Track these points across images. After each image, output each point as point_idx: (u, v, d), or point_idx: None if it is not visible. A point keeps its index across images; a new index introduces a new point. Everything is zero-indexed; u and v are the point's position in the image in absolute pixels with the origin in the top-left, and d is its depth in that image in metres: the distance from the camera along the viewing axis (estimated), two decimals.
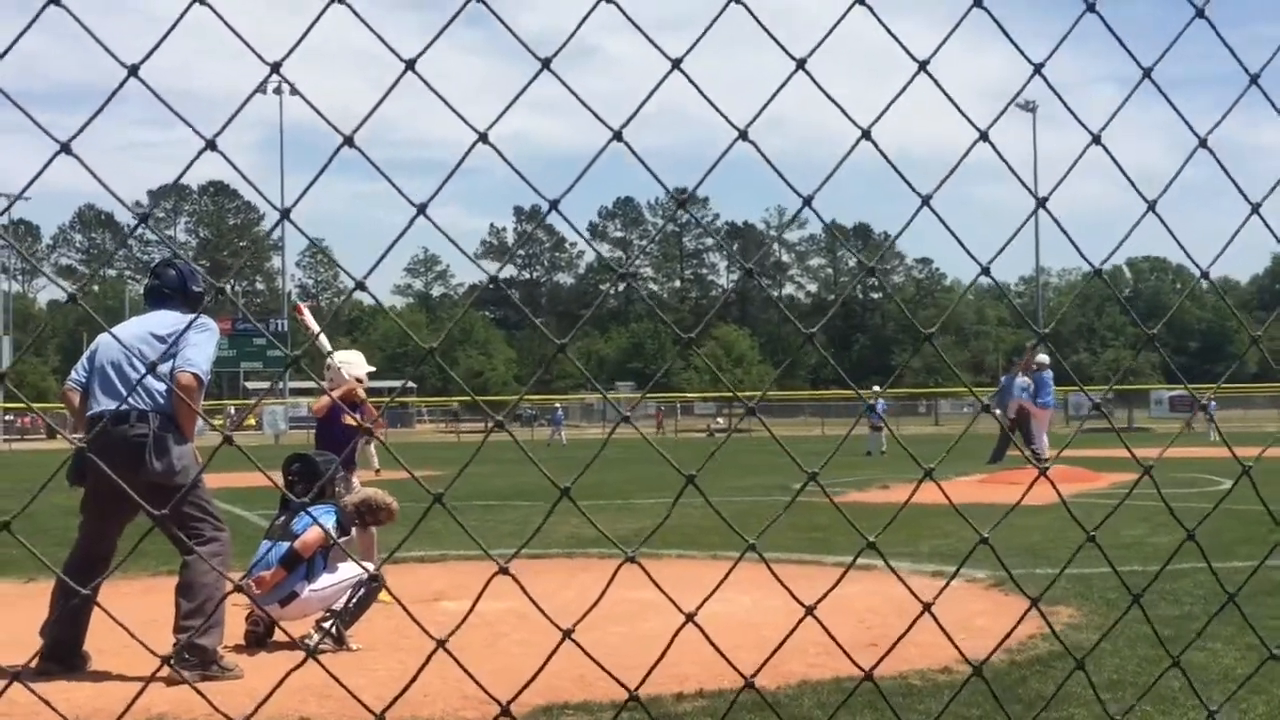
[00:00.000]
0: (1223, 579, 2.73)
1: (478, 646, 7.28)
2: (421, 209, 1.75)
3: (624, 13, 1.85)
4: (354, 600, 7.68)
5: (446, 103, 1.75)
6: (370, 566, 7.86)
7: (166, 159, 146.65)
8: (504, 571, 1.84)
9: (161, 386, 6.82)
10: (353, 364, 9.96)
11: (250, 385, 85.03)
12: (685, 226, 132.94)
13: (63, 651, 6.81)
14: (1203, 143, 2.37)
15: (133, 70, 1.60)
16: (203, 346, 6.96)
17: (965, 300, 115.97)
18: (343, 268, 1.73)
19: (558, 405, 62.64)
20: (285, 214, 1.70)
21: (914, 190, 2.06)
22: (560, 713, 5.87)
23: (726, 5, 1.92)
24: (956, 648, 2.34)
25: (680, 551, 11.69)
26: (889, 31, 2.05)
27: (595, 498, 18.41)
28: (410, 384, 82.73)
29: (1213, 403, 54.30)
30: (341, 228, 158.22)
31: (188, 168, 1.69)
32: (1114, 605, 8.30)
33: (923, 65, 2.03)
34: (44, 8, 1.59)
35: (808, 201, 2.02)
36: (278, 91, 77.81)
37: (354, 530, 8.34)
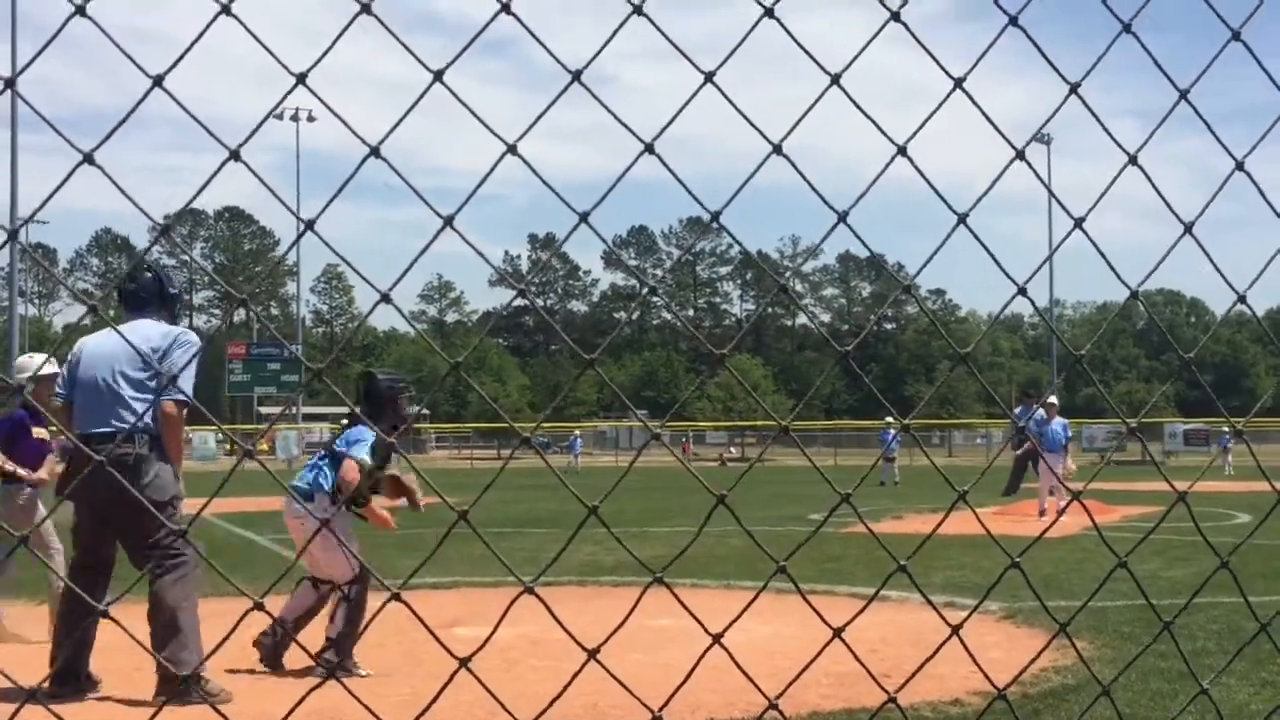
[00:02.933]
0: (1241, 613, 2.73)
1: (493, 672, 7.27)
2: (448, 221, 1.76)
3: (656, 26, 1.87)
4: (343, 621, 7.57)
5: (475, 113, 1.77)
6: (354, 564, 7.59)
7: (188, 184, 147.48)
8: (530, 591, 1.84)
9: (146, 407, 6.86)
10: (24, 369, 9.34)
11: (264, 410, 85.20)
12: (699, 256, 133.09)
13: (71, 675, 6.80)
14: (1240, 165, 2.38)
15: (158, 80, 1.62)
16: (189, 370, 6.97)
17: (979, 331, 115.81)
18: (366, 278, 1.74)
19: (576, 432, 62.65)
20: (309, 225, 1.71)
21: (951, 209, 2.06)
22: None
23: (760, 20, 1.93)
24: (983, 671, 2.34)
25: (694, 581, 11.66)
26: (926, 50, 2.06)
27: (611, 525, 18.38)
28: (424, 410, 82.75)
29: (1226, 436, 54.13)
30: (357, 254, 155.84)
31: (212, 177, 1.71)
32: (1128, 639, 8.25)
33: (959, 83, 2.04)
34: (71, 16, 1.61)
35: (843, 218, 2.03)
36: (295, 119, 78.45)
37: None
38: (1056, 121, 2.28)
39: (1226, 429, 55.10)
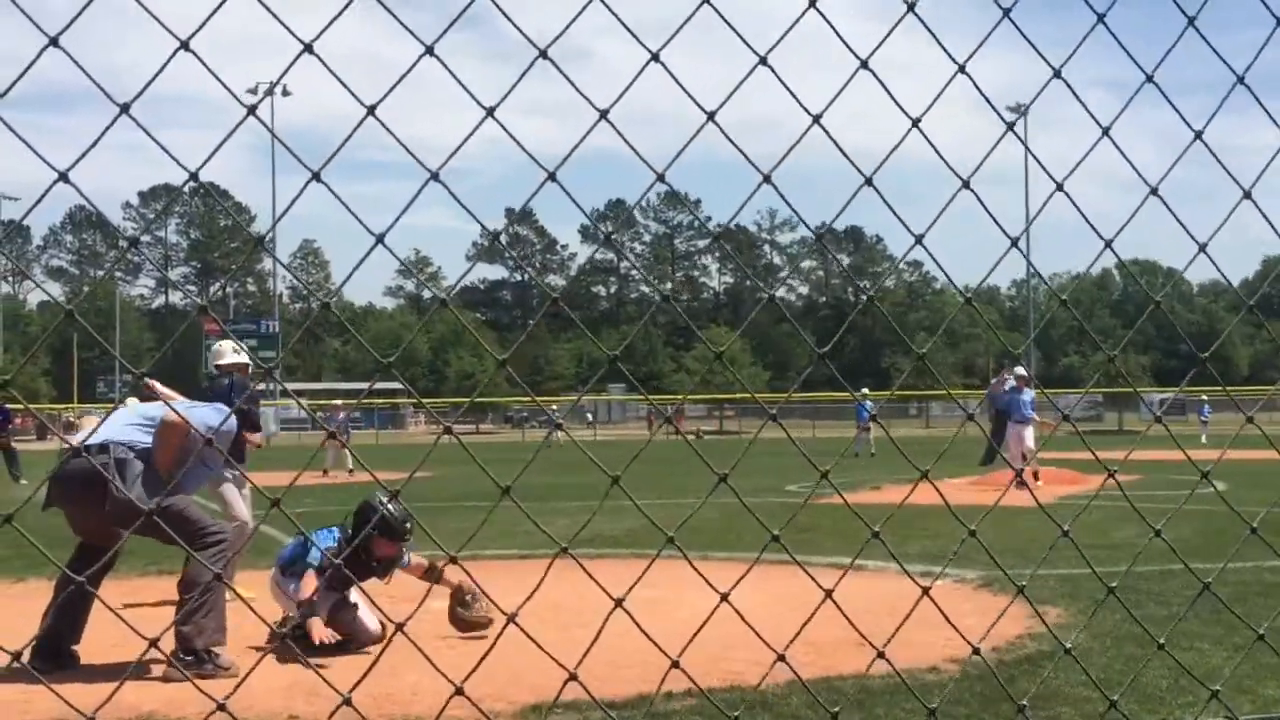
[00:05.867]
0: (1214, 579, 2.76)
1: (467, 643, 7.30)
2: (434, 174, 1.77)
3: (610, 10, 1.87)
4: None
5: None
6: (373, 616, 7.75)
7: (160, 160, 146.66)
8: (453, 561, 1.88)
9: (134, 432, 7.06)
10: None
11: None
12: (677, 229, 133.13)
13: (53, 649, 6.88)
14: (1198, 135, 2.40)
15: (124, 109, 1.61)
16: (207, 414, 7.36)
17: (955, 302, 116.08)
18: (291, 268, 1.74)
19: (554, 407, 62.58)
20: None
21: (956, 174, 2.07)
22: (549, 711, 5.89)
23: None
24: (960, 633, 2.36)
25: (669, 551, 11.69)
26: (932, 34, 2.07)
27: (587, 498, 18.43)
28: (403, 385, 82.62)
29: (1206, 406, 54.33)
30: (332, 229, 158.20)
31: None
32: (1102, 605, 8.32)
33: (961, 67, 2.07)
34: None
35: (869, 180, 2.04)
36: (270, 93, 77.12)
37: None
38: (1028, 94, 2.30)
39: (1205, 398, 55.31)
